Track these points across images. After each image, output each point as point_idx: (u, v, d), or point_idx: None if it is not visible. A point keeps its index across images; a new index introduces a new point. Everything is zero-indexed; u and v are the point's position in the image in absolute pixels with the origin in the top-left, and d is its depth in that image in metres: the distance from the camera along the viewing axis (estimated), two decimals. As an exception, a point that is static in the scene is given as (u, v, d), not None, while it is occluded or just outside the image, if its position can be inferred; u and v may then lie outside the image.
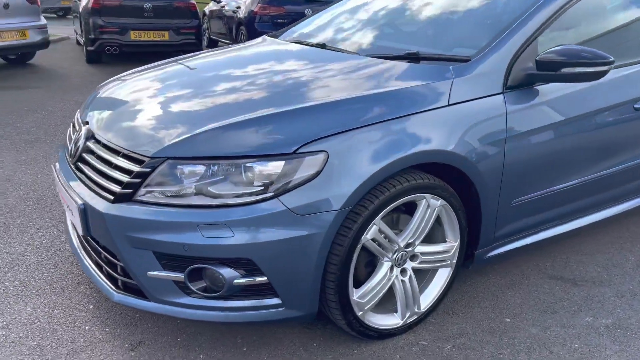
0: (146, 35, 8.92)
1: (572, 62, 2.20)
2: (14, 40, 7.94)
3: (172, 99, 2.25)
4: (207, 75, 2.53)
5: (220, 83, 2.36)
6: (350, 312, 2.05)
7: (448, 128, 2.10)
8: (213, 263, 1.84)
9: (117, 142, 2.04)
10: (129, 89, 2.49)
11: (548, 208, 2.56)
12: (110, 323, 2.25)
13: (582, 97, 2.47)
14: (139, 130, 2.04)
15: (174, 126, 1.99)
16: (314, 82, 2.27)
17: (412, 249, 2.17)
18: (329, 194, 1.85)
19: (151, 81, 2.53)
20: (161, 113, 2.12)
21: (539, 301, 2.55)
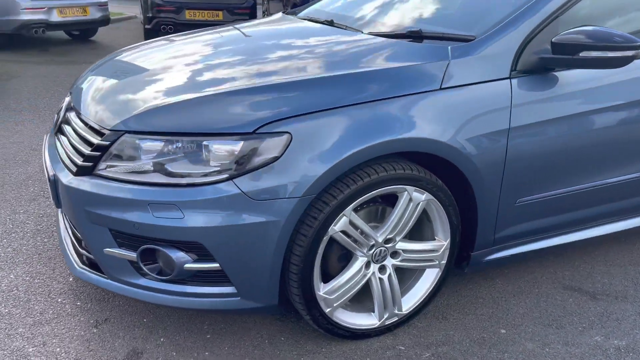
0: (201, 15, 9.00)
1: (592, 45, 1.92)
2: (75, 16, 8.24)
3: (150, 74, 2.15)
4: (193, 53, 2.41)
5: (204, 60, 2.25)
6: (316, 308, 1.90)
7: (437, 114, 1.88)
8: (164, 245, 1.75)
9: (86, 113, 1.98)
10: (115, 63, 2.42)
11: (561, 211, 2.28)
12: (83, 297, 2.23)
13: (606, 88, 2.16)
14: (108, 102, 1.97)
15: (139, 100, 1.90)
16: (299, 60, 2.11)
17: (393, 245, 1.99)
18: (289, 179, 1.70)
19: (137, 57, 2.44)
20: (133, 87, 2.03)
21: (545, 313, 2.29)
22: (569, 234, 2.39)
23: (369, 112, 1.79)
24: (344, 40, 2.30)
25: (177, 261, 1.74)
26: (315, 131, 1.73)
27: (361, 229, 1.88)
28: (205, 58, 2.27)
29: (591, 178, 2.26)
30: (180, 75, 2.08)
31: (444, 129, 1.88)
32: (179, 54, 2.37)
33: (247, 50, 2.34)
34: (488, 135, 1.96)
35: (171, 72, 2.13)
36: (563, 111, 2.08)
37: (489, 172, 2.01)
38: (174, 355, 1.93)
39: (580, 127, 2.13)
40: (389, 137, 1.78)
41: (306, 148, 1.71)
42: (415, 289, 2.14)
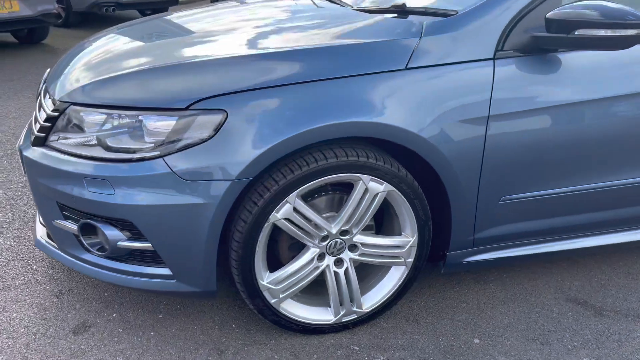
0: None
1: (589, 21, 1.65)
2: None
3: (109, 50, 2.08)
4: (162, 30, 2.31)
5: (171, 36, 2.16)
6: (259, 297, 1.80)
7: (399, 97, 1.70)
8: (100, 221, 1.72)
9: (49, 85, 1.99)
10: (91, 42, 2.37)
11: (555, 214, 2.01)
12: (56, 266, 2.27)
13: (614, 75, 1.86)
14: (66, 75, 1.95)
15: (90, 73, 1.87)
16: (266, 35, 1.99)
17: (350, 238, 1.84)
18: (223, 160, 1.60)
19: (108, 39, 2.33)
20: (90, 62, 1.98)
21: (534, 326, 2.05)
22: (567, 241, 2.11)
23: (315, 92, 1.65)
24: (321, 14, 2.15)
25: (111, 238, 1.71)
26: (253, 110, 1.61)
27: (310, 219, 1.75)
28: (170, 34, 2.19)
29: (593, 179, 1.97)
30: (136, 51, 2.01)
31: (406, 114, 1.70)
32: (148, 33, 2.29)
33: (222, 22, 2.24)
34: (461, 123, 1.75)
35: (130, 48, 2.06)
36: (558, 99, 1.82)
37: (463, 165, 1.80)
38: (120, 332, 1.91)
39: (578, 119, 1.86)
40: (333, 121, 1.62)
41: (242, 128, 1.60)
42: (378, 287, 1.98)
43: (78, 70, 1.91)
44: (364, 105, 1.66)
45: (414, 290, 2.23)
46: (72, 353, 1.80)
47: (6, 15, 6.04)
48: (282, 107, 1.62)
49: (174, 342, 1.88)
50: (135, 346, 1.85)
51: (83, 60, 1.99)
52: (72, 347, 1.83)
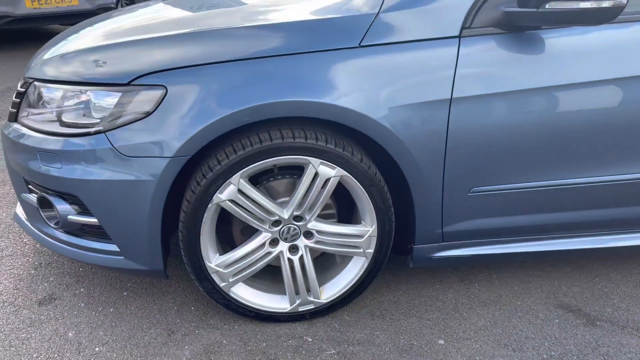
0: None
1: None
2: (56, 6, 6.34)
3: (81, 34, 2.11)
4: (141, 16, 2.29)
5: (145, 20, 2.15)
6: (207, 280, 1.77)
7: (350, 76, 1.61)
8: (52, 194, 1.75)
9: (29, 65, 2.05)
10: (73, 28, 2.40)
11: (536, 210, 1.84)
12: (44, 241, 2.36)
13: (595, 58, 1.67)
14: (38, 56, 2.01)
15: (53, 52, 1.91)
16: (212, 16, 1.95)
17: (304, 224, 1.77)
18: (162, 137, 1.59)
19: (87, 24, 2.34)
20: (62, 44, 2.01)
21: (510, 331, 1.88)
22: (550, 241, 1.92)
23: (258, 70, 1.59)
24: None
25: (62, 212, 1.74)
26: (193, 87, 1.59)
27: (258, 202, 1.69)
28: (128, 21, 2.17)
29: (575, 173, 1.78)
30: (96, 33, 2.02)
31: (357, 95, 1.61)
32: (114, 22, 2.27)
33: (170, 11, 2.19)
34: (420, 106, 1.64)
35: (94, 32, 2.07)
36: (532, 81, 1.65)
37: (424, 152, 1.68)
38: (82, 307, 1.95)
39: (556, 105, 1.69)
40: (273, 99, 1.56)
41: (181, 104, 1.58)
42: (338, 278, 1.89)
43: (47, 51, 1.96)
44: (309, 83, 1.59)
45: (388, 285, 2.12)
46: (31, 322, 1.86)
47: (65, 8, 6.39)
48: (222, 84, 1.58)
49: (129, 320, 1.89)
50: (91, 321, 1.88)
51: (57, 43, 2.04)
52: (33, 317, 1.88)
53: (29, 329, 1.82)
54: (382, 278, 2.16)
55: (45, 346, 1.75)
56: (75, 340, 1.78)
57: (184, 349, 1.76)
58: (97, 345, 1.76)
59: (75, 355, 1.72)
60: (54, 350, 1.73)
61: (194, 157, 1.66)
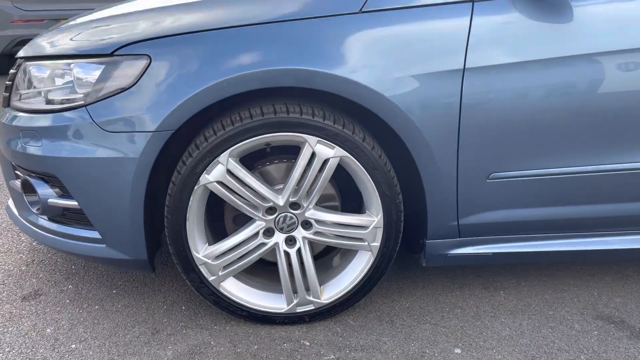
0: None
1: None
2: None
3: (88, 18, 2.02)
4: None
5: None
6: (194, 272, 1.61)
7: (348, 44, 1.47)
8: (34, 177, 1.65)
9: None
10: None
11: (570, 200, 1.61)
12: (41, 239, 2.26)
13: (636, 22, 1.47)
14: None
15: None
16: None
17: (302, 213, 1.59)
18: (144, 110, 1.47)
19: None
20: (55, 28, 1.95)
21: (540, 342, 1.64)
22: (587, 239, 1.68)
23: (247, 38, 1.46)
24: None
25: (42, 196, 1.62)
26: (179, 56, 1.47)
27: (249, 185, 1.54)
28: None
29: (616, 155, 1.56)
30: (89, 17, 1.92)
31: (355, 63, 1.46)
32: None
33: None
34: (429, 77, 1.47)
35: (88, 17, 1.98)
36: (556, 50, 1.46)
37: (434, 128, 1.50)
38: (66, 303, 1.81)
39: (587, 77, 1.49)
40: (261, 68, 1.42)
41: (165, 74, 1.46)
42: (341, 276, 1.70)
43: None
44: (303, 51, 1.45)
45: (401, 290, 1.91)
46: (11, 317, 1.73)
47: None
48: (211, 52, 1.46)
49: (113, 317, 1.74)
50: (72, 317, 1.73)
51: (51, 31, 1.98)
52: (13, 311, 1.76)
53: (7, 324, 1.69)
54: (395, 283, 1.95)
55: (19, 341, 1.61)
56: (52, 337, 1.64)
57: (166, 349, 1.59)
58: (74, 342, 1.61)
59: (50, 352, 1.57)
60: (27, 346, 1.59)
61: (183, 138, 1.54)
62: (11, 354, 1.55)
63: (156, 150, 1.47)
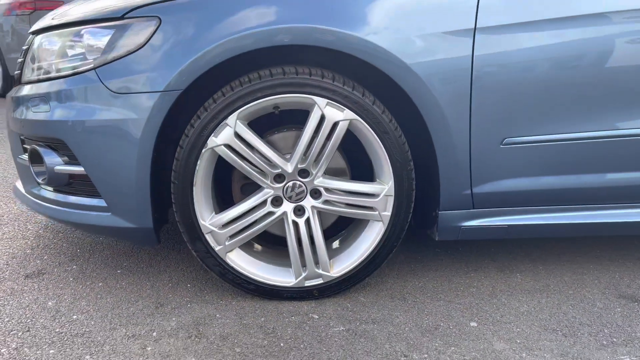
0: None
1: None
2: None
3: None
4: None
5: None
6: (200, 240, 1.57)
7: (358, 4, 1.46)
8: (42, 145, 1.63)
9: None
10: None
11: (589, 168, 1.56)
12: (48, 227, 2.23)
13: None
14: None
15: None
16: None
17: (311, 180, 1.56)
18: (152, 70, 1.46)
19: None
20: None
21: (561, 317, 1.56)
22: (608, 211, 1.62)
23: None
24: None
25: (49, 164, 1.61)
26: (189, 16, 1.47)
27: (257, 148, 1.51)
28: None
29: (632, 121, 1.51)
30: None
31: (362, 22, 1.45)
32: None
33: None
34: (438, 36, 1.45)
35: None
36: (567, 9, 1.45)
37: (445, 91, 1.47)
38: (70, 281, 1.77)
39: (603, 36, 1.46)
40: (268, 27, 1.42)
41: (174, 35, 1.46)
42: (352, 248, 1.65)
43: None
44: (310, 10, 1.44)
45: (414, 271, 1.85)
46: (12, 292, 1.69)
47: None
48: (221, 11, 1.46)
49: (117, 293, 1.69)
50: (75, 292, 1.69)
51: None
52: (15, 287, 1.72)
53: (8, 298, 1.65)
54: (407, 265, 1.89)
55: (19, 312, 1.57)
56: (53, 309, 1.59)
57: (170, 320, 1.53)
58: (75, 314, 1.56)
59: (50, 322, 1.52)
60: (27, 316, 1.54)
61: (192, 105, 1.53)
62: (10, 324, 1.51)
63: (164, 111, 1.46)
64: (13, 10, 5.74)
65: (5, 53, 5.92)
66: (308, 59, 1.54)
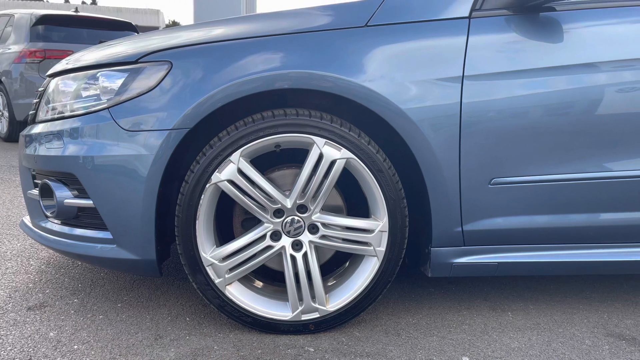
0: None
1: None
2: None
3: None
4: None
5: None
6: (200, 273, 1.63)
7: (356, 53, 1.58)
8: (53, 180, 1.71)
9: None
10: None
11: (574, 208, 1.64)
12: (50, 262, 2.28)
13: (625, 36, 1.59)
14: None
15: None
16: None
17: (309, 216, 1.63)
18: (163, 109, 1.57)
19: None
20: None
21: (550, 354, 1.61)
22: (595, 250, 1.69)
23: (263, 47, 1.59)
24: None
25: (59, 197, 1.68)
26: (198, 62, 1.59)
27: (259, 185, 1.59)
28: None
29: (617, 162, 1.61)
30: None
31: (359, 69, 1.57)
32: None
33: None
34: (431, 83, 1.56)
35: None
36: (547, 60, 1.58)
37: (436, 134, 1.57)
38: (71, 313, 1.80)
39: (576, 84, 1.58)
40: (276, 71, 1.53)
41: (184, 78, 1.57)
42: (347, 283, 1.70)
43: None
44: (313, 58, 1.57)
45: (407, 308, 1.89)
46: (15, 323, 1.72)
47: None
48: (229, 59, 1.58)
49: (117, 325, 1.72)
50: (76, 324, 1.72)
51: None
52: (18, 318, 1.75)
53: (11, 328, 1.69)
54: (401, 302, 1.94)
55: (21, 342, 1.60)
56: (54, 339, 1.62)
57: (169, 351, 1.57)
58: (76, 344, 1.60)
59: (51, 351, 1.55)
60: (30, 346, 1.58)
61: (198, 144, 1.62)
62: (12, 352, 1.54)
63: (172, 147, 1.55)
64: (23, 58, 5.96)
65: (13, 99, 6.10)
66: (308, 101, 1.65)
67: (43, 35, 6.20)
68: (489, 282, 2.14)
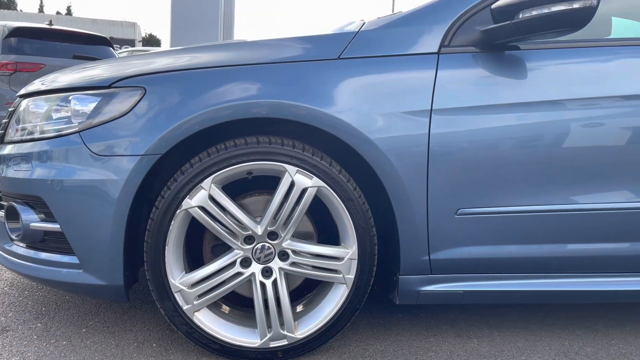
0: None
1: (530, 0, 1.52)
2: None
3: None
4: None
5: None
6: (169, 299, 1.62)
7: (328, 85, 1.61)
8: (19, 202, 1.69)
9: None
10: None
11: (537, 239, 1.69)
12: (22, 289, 2.23)
13: (584, 76, 1.67)
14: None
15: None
16: None
17: (279, 243, 1.65)
18: (135, 136, 1.56)
19: None
20: None
21: (512, 381, 1.63)
22: (557, 280, 1.74)
23: (236, 75, 1.61)
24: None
25: (25, 220, 1.66)
26: (171, 88, 1.60)
27: (229, 211, 1.60)
28: None
29: (578, 197, 1.67)
30: None
31: (331, 100, 1.60)
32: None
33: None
34: (398, 115, 1.61)
35: None
36: (512, 96, 1.63)
37: (405, 164, 1.61)
38: (34, 339, 1.77)
39: (540, 120, 1.64)
40: (250, 100, 1.56)
41: (157, 105, 1.58)
42: (316, 310, 1.71)
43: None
44: (284, 88, 1.59)
45: (376, 335, 1.91)
46: (-26, 349, 1.68)
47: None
48: (202, 86, 1.59)
49: (81, 352, 1.69)
50: (39, 350, 1.69)
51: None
52: (-23, 344, 1.71)
53: (-31, 354, 1.64)
54: (369, 328, 1.95)
55: (-19, 369, 1.56)
56: (15, 366, 1.59)
57: (134, 378, 1.55)
58: (38, 371, 1.56)
59: (11, 379, 1.52)
60: (-11, 373, 1.54)
61: (169, 172, 1.62)
62: (-29, 380, 1.50)
63: (143, 172, 1.55)
64: (-6, 70, 5.85)
65: (-18, 112, 5.96)
66: (282, 130, 1.67)
67: (15, 48, 6.10)
68: (456, 307, 2.17)
